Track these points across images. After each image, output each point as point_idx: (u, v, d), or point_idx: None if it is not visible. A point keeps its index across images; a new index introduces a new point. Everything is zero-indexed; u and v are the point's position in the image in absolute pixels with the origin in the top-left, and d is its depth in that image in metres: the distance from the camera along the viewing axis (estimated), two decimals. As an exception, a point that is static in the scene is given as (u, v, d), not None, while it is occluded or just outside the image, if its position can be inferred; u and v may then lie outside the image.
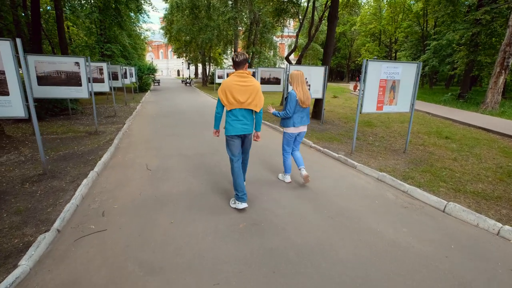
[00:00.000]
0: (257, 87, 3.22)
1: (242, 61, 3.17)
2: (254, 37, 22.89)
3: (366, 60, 5.18)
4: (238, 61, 3.16)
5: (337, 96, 19.61)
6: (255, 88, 3.19)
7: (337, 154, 5.42)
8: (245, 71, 3.21)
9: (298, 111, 3.85)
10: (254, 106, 3.21)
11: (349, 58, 45.37)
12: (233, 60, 3.20)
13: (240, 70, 3.20)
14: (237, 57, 3.17)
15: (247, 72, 3.22)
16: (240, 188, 3.25)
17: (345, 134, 7.55)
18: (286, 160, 4.12)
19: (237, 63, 3.18)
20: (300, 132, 4.03)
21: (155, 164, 4.80)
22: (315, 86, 8.87)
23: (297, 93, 3.77)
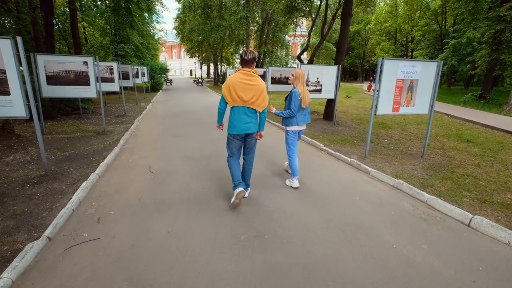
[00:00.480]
0: (262, 87, 3.19)
1: (251, 60, 3.13)
2: (266, 36, 22.65)
3: (381, 58, 4.86)
4: (246, 59, 3.12)
5: (350, 96, 19.12)
6: (260, 88, 3.16)
7: (349, 158, 5.11)
8: (251, 70, 3.16)
9: (300, 109, 3.87)
10: (257, 106, 3.19)
11: (363, 58, 44.43)
12: (242, 57, 3.15)
13: (247, 68, 3.15)
14: (246, 55, 3.12)
15: (254, 71, 3.18)
16: (237, 178, 3.34)
17: (358, 137, 7.21)
18: (292, 162, 4.01)
19: (245, 61, 3.13)
20: (301, 130, 4.09)
21: (159, 167, 4.64)
22: (327, 86, 8.55)
23: (300, 92, 3.76)
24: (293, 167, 4.00)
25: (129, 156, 5.24)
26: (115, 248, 2.46)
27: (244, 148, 3.46)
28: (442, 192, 3.73)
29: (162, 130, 7.71)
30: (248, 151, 3.44)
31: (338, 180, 4.23)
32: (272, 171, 4.58)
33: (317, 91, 8.58)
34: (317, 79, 8.43)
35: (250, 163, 3.50)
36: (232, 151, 3.35)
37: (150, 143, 6.22)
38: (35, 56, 6.59)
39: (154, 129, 7.86)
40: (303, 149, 6.07)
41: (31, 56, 6.58)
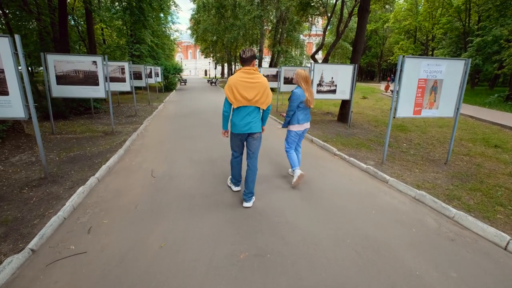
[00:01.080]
0: (265, 84, 3.12)
1: (249, 58, 3.08)
2: (280, 36, 22.30)
3: (402, 56, 4.45)
4: (245, 57, 3.07)
5: (366, 97, 18.48)
6: (262, 85, 3.09)
7: (365, 164, 4.73)
8: (252, 68, 3.10)
9: (303, 109, 3.87)
10: (261, 103, 3.12)
11: (381, 57, 43.20)
12: (240, 56, 3.11)
13: (247, 67, 3.10)
14: (244, 53, 3.08)
15: (254, 69, 3.11)
16: (235, 177, 3.62)
17: (375, 140, 6.77)
18: (290, 156, 4.06)
19: (244, 60, 3.09)
20: (304, 129, 4.06)
21: (162, 170, 4.43)
22: (342, 86, 8.14)
23: (307, 94, 3.75)
24: (291, 160, 4.04)
25: (133, 159, 5.07)
26: (102, 264, 2.24)
27: (247, 149, 3.36)
28: (472, 206, 3.31)
29: (170, 131, 7.55)
30: (251, 154, 3.32)
31: (352, 190, 3.86)
32: (280, 175, 4.27)
33: (331, 92, 8.18)
34: (331, 79, 8.04)
35: (254, 167, 3.34)
36: (235, 149, 3.41)
37: (156, 145, 6.04)
38: (45, 55, 6.57)
39: (163, 130, 7.71)
40: (315, 153, 5.72)
41: (41, 56, 6.56)
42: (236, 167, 3.53)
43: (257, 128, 3.17)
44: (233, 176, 3.64)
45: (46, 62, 6.60)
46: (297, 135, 4.03)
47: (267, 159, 5.18)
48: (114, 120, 9.09)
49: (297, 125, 3.93)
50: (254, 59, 3.13)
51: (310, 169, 4.62)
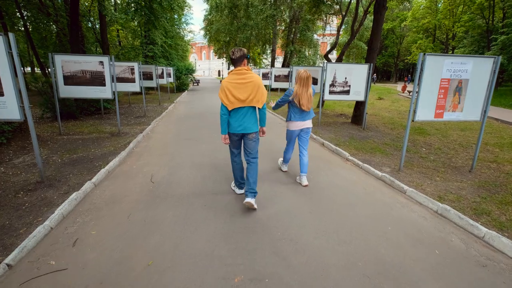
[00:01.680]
0: (258, 82, 3.05)
1: (239, 58, 3.03)
2: (293, 35, 21.91)
3: (423, 54, 4.06)
4: (235, 58, 3.03)
5: (382, 98, 17.85)
6: (255, 83, 3.03)
7: (380, 172, 4.35)
8: (243, 68, 3.05)
9: (296, 108, 3.86)
10: (256, 102, 3.07)
11: (398, 57, 41.98)
12: (230, 57, 3.07)
13: (238, 67, 3.06)
14: (233, 54, 3.04)
15: (246, 68, 3.07)
16: (237, 179, 3.53)
17: (391, 144, 6.35)
18: (286, 155, 4.32)
19: (234, 60, 3.06)
20: (303, 129, 4.00)
21: (162, 175, 4.21)
22: (356, 87, 7.74)
23: (302, 98, 3.72)
24: (285, 159, 4.37)
25: (135, 162, 4.89)
26: (80, 285, 2.01)
27: (245, 150, 3.34)
28: (504, 224, 2.90)
29: (177, 133, 7.37)
30: (249, 153, 3.30)
31: (366, 201, 3.51)
32: (288, 181, 3.97)
33: (344, 92, 7.79)
34: (345, 79, 7.64)
35: (254, 164, 3.30)
36: (232, 148, 3.37)
37: (161, 147, 5.86)
38: (53, 56, 6.52)
39: (169, 131, 7.54)
40: (326, 157, 5.37)
41: (49, 56, 6.52)
42: (237, 167, 3.45)
43: (251, 128, 3.13)
44: (235, 178, 3.56)
45: (54, 62, 6.56)
46: (294, 133, 4.02)
47: (275, 161, 4.89)
48: (123, 121, 9.04)
49: (291, 123, 3.94)
50: (245, 58, 3.07)
51: (320, 176, 4.29)
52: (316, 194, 3.64)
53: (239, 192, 3.59)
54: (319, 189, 3.81)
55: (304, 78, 3.69)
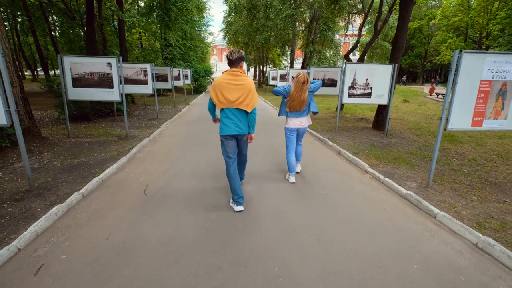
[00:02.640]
0: (249, 86, 3.07)
1: (237, 59, 3.05)
2: (313, 35, 21.25)
3: (459, 51, 3.44)
4: (232, 59, 3.06)
5: (408, 101, 16.79)
6: (247, 87, 3.05)
7: (404, 189, 3.75)
8: (238, 70, 3.07)
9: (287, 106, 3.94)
10: (245, 106, 3.06)
11: (425, 57, 39.91)
12: (227, 57, 3.08)
13: (233, 68, 3.07)
14: (231, 55, 3.06)
15: (241, 71, 3.10)
16: (236, 192, 3.24)
17: (417, 153, 5.67)
18: (288, 159, 4.13)
19: (231, 61, 3.07)
20: (299, 128, 4.07)
21: (158, 186, 3.86)
22: (378, 89, 7.09)
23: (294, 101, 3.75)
24: (288, 164, 4.13)
25: (134, 169, 4.59)
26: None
27: (238, 151, 3.40)
28: None
29: (185, 137, 7.06)
30: (241, 151, 3.45)
31: (387, 226, 2.95)
32: (294, 197, 3.48)
33: (365, 95, 7.16)
34: (366, 80, 7.02)
35: (245, 160, 3.60)
36: (228, 153, 3.24)
37: (165, 153, 5.55)
38: (62, 58, 6.42)
39: (178, 135, 7.25)
40: (342, 168, 4.81)
41: (58, 58, 6.43)
42: (234, 176, 3.25)
43: (245, 131, 3.16)
44: (233, 191, 3.26)
45: (63, 64, 6.46)
46: (291, 131, 4.07)
47: (277, 173, 4.41)
48: (135, 123, 8.91)
49: (289, 120, 4.00)
50: (242, 60, 3.10)
51: (332, 192, 3.76)
52: (326, 216, 3.13)
53: (238, 209, 3.22)
54: (330, 209, 3.29)
55: (300, 83, 3.66)
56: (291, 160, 4.08)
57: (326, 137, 6.90)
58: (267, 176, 4.38)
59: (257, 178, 4.24)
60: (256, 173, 4.47)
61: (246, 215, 3.09)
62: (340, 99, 7.31)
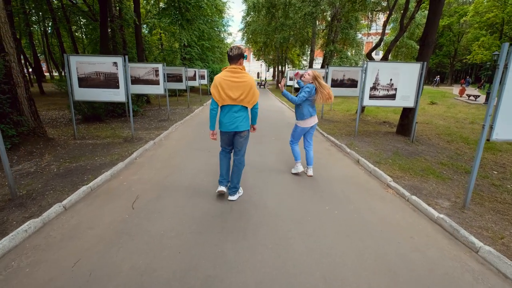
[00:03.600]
0: (250, 83, 3.07)
1: (236, 56, 3.06)
2: (334, 34, 20.42)
3: (508, 44, 2.78)
4: (232, 55, 3.06)
5: (435, 103, 15.64)
6: (248, 84, 3.06)
7: (436, 210, 3.11)
8: (238, 66, 3.08)
9: (310, 105, 4.02)
10: (247, 102, 3.12)
11: (454, 56, 37.66)
12: (228, 54, 3.09)
13: (233, 65, 3.08)
14: (231, 51, 3.07)
15: (241, 68, 3.09)
16: (221, 174, 3.45)
17: (448, 164, 4.96)
18: (294, 148, 4.21)
19: (231, 58, 3.08)
20: (312, 126, 4.12)
21: (148, 198, 3.46)
22: (403, 91, 6.39)
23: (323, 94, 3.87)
24: (294, 152, 4.20)
25: (129, 176, 4.24)
26: None
27: (234, 147, 3.40)
28: None
29: (192, 140, 6.69)
30: (237, 151, 3.38)
31: (415, 262, 2.35)
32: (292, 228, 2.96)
33: (389, 97, 6.47)
34: (389, 81, 6.33)
35: (240, 163, 3.41)
36: (223, 145, 3.40)
37: (166, 158, 5.18)
38: (68, 57, 6.25)
39: (184, 138, 6.89)
40: (360, 181, 4.20)
41: (64, 58, 6.26)
42: (224, 160, 3.45)
43: (243, 126, 3.18)
44: (220, 172, 3.48)
45: (69, 64, 6.28)
46: (304, 130, 4.14)
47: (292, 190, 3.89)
48: (145, 124, 8.68)
49: (302, 121, 4.05)
50: (241, 57, 3.10)
51: (347, 213, 3.19)
52: (337, 247, 2.58)
53: (219, 189, 3.43)
54: (343, 237, 2.73)
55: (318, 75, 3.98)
56: (297, 149, 4.21)
57: (344, 142, 6.28)
58: (271, 190, 3.88)
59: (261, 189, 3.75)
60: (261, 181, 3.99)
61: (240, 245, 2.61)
62: (360, 101, 6.66)
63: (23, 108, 5.93)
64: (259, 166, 4.76)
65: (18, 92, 5.82)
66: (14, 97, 5.72)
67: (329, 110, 12.45)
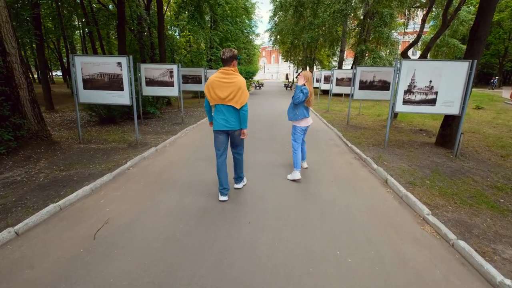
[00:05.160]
0: (239, 83, 3.19)
1: (229, 58, 3.19)
2: (366, 32, 19.04)
3: None
4: (224, 58, 3.19)
5: (482, 107, 13.78)
6: (236, 84, 3.17)
7: (498, 271, 2.17)
8: (230, 68, 3.21)
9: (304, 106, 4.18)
10: (235, 102, 3.20)
11: (504, 56, 33.94)
12: (221, 57, 3.21)
13: (226, 67, 3.22)
14: (223, 54, 3.20)
15: (233, 69, 3.22)
16: (221, 183, 3.46)
17: (506, 188, 3.89)
18: (296, 154, 4.21)
19: (224, 60, 3.20)
20: (307, 126, 4.28)
21: (120, 224, 2.88)
22: (446, 95, 5.33)
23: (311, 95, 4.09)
24: (296, 159, 4.19)
25: (111, 192, 3.70)
26: None
27: (231, 145, 3.56)
28: None
29: (197, 148, 6.10)
30: (235, 147, 3.56)
31: None
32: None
33: (427, 102, 5.43)
34: (429, 83, 5.30)
35: (240, 155, 3.61)
36: (217, 147, 3.46)
37: (161, 170, 4.62)
38: (73, 57, 5.96)
39: (190, 145, 6.33)
40: (387, 212, 3.30)
41: (69, 58, 5.99)
42: (222, 169, 3.45)
43: (236, 126, 3.31)
44: (220, 181, 3.48)
45: (75, 64, 6.00)
46: (303, 130, 4.27)
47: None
48: (157, 128, 8.32)
49: (303, 120, 4.19)
50: (234, 59, 3.22)
51: (363, 261, 2.35)
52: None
53: (221, 199, 3.45)
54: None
55: (310, 78, 4.11)
56: (299, 155, 4.24)
57: (371, 155, 5.34)
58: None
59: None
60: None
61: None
62: (391, 107, 5.66)
63: (26, 110, 5.72)
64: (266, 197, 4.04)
65: (20, 94, 5.61)
66: (16, 99, 5.52)
67: (357, 114, 11.34)
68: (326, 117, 10.58)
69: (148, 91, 9.05)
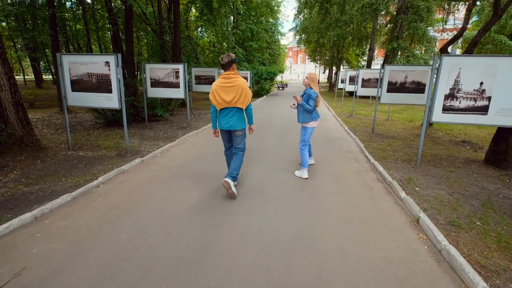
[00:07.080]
0: (242, 85, 3.39)
1: (227, 63, 3.38)
2: (399, 29, 17.32)
3: None
4: (223, 63, 3.39)
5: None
6: (239, 87, 3.39)
7: None
8: (231, 72, 3.41)
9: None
10: (241, 104, 3.44)
11: (562, 53, 30.00)
12: (220, 63, 3.44)
13: (226, 72, 3.42)
14: (222, 60, 3.39)
15: (234, 73, 3.43)
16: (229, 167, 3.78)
17: None
18: (304, 154, 4.31)
19: (223, 66, 3.41)
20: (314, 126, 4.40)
21: (31, 278, 2.12)
22: (503, 101, 4.07)
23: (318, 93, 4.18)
24: (304, 158, 4.32)
25: (58, 220, 2.98)
26: None
27: (233, 144, 3.76)
28: None
29: (190, 160, 5.29)
30: (236, 148, 3.71)
31: None
32: None
33: (477, 110, 4.20)
34: (479, 85, 4.07)
35: (239, 155, 3.72)
36: (224, 142, 3.84)
37: (132, 190, 3.82)
38: (60, 57, 5.44)
39: (182, 156, 5.52)
40: (417, 276, 2.23)
41: (57, 57, 5.47)
42: (229, 158, 3.86)
43: (237, 126, 3.54)
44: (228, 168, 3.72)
45: (62, 64, 5.47)
46: (312, 130, 4.38)
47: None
48: (159, 132, 7.68)
49: (313, 121, 4.29)
50: (233, 63, 3.43)
51: None
52: None
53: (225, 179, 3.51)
54: None
55: (316, 79, 4.27)
56: (307, 155, 4.36)
57: (398, 177, 4.21)
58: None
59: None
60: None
61: None
62: (427, 115, 4.48)
63: (8, 114, 5.25)
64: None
65: (1, 96, 5.16)
66: (-5, 102, 5.09)
67: (386, 120, 9.99)
68: (348, 122, 9.37)
69: (152, 92, 8.46)
